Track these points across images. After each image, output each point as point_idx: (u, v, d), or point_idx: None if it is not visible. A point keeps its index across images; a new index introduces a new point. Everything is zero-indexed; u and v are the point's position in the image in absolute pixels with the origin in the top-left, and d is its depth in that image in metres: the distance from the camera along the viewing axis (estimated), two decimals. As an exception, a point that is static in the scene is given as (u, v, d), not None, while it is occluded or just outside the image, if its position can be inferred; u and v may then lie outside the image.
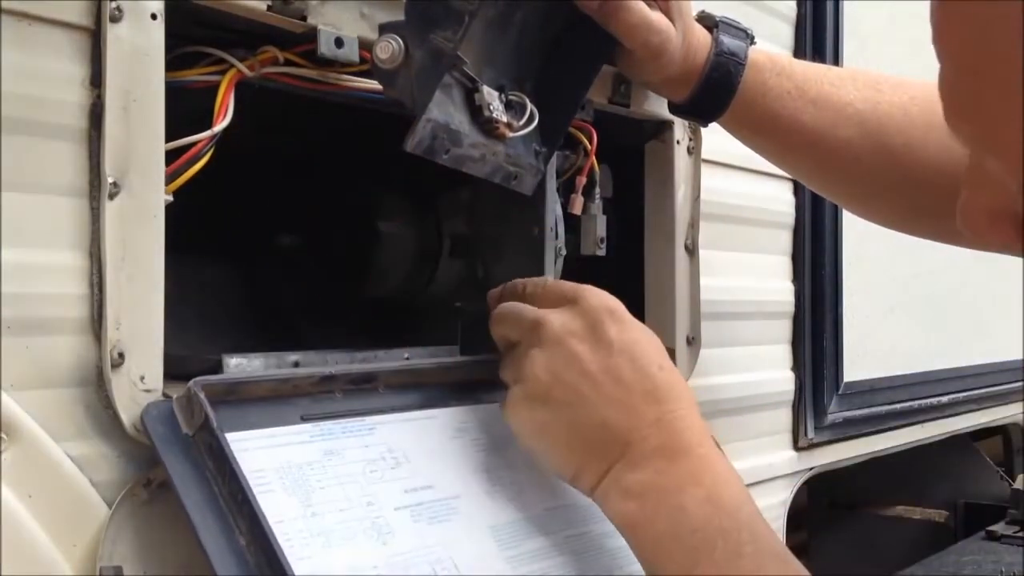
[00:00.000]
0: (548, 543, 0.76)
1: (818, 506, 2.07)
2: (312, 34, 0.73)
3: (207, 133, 0.68)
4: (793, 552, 0.72)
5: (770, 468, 1.34)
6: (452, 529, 0.71)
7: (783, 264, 1.40)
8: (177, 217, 0.67)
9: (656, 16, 0.85)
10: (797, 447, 1.41)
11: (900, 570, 1.78)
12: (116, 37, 0.63)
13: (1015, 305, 1.83)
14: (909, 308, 1.69)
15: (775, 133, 0.94)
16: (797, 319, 1.41)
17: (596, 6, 0.83)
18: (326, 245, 1.06)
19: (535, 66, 0.85)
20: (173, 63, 0.68)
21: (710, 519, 0.70)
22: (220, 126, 0.69)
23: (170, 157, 0.67)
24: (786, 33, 1.39)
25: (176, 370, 0.68)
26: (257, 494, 0.62)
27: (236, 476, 0.62)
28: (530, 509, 0.77)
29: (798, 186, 1.38)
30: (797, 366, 1.41)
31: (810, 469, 1.44)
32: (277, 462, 0.67)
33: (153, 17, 0.64)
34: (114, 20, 0.62)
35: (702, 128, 1.07)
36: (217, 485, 0.62)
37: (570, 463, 0.75)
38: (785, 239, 1.40)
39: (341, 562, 0.64)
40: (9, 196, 0.59)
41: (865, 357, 1.52)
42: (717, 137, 1.05)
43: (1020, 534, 1.90)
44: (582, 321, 0.75)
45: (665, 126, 1.06)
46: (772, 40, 1.31)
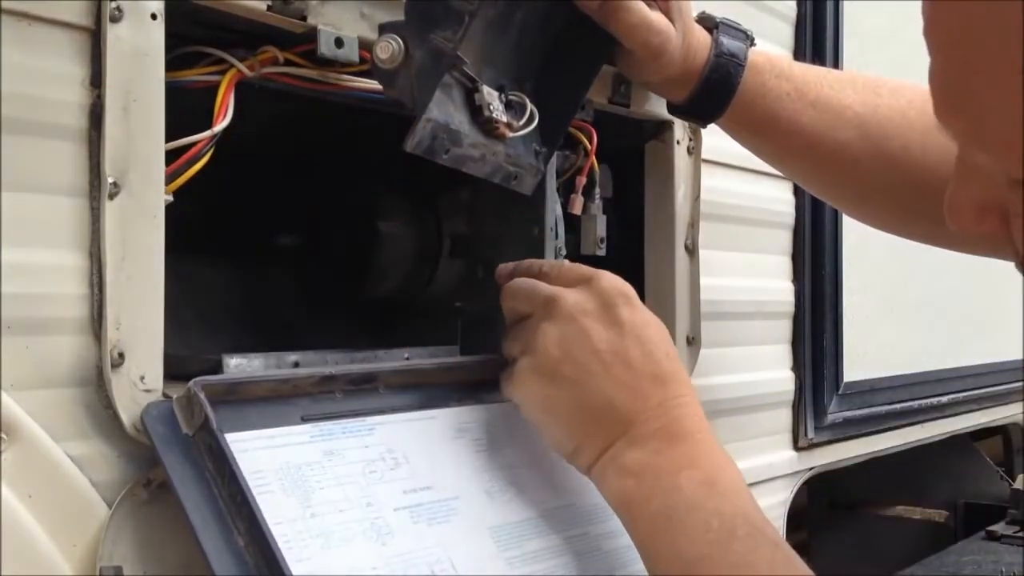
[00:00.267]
0: (548, 544, 0.76)
1: (818, 506, 2.07)
2: (312, 34, 0.73)
3: (207, 133, 0.68)
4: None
5: (770, 468, 1.34)
6: (451, 530, 0.71)
7: (783, 264, 1.40)
8: (177, 217, 0.67)
9: (656, 16, 0.85)
10: (797, 447, 1.41)
11: (900, 570, 1.78)
12: (116, 37, 0.63)
13: (1015, 305, 1.83)
14: (909, 308, 1.69)
15: (774, 135, 0.95)
16: (797, 319, 1.41)
17: (596, 6, 0.83)
18: (326, 245, 1.06)
19: (535, 66, 0.85)
20: (173, 63, 0.68)
21: (705, 501, 0.70)
22: (220, 126, 0.69)
23: (170, 157, 0.67)
24: (786, 33, 1.39)
25: (176, 370, 0.68)
26: (256, 495, 0.62)
27: (235, 477, 0.62)
28: (530, 510, 0.77)
29: (798, 186, 1.38)
30: (797, 366, 1.41)
31: (810, 469, 1.44)
32: (277, 463, 0.67)
33: (153, 17, 0.64)
34: (114, 20, 0.62)
35: (702, 128, 1.07)
36: (216, 486, 0.63)
37: (571, 439, 0.75)
38: (785, 239, 1.40)
39: (340, 563, 0.64)
40: (9, 196, 0.59)
41: (865, 357, 1.52)
42: (717, 137, 1.05)
43: (1020, 534, 1.90)
44: (596, 301, 0.76)
45: (665, 126, 1.06)
46: (772, 40, 1.31)
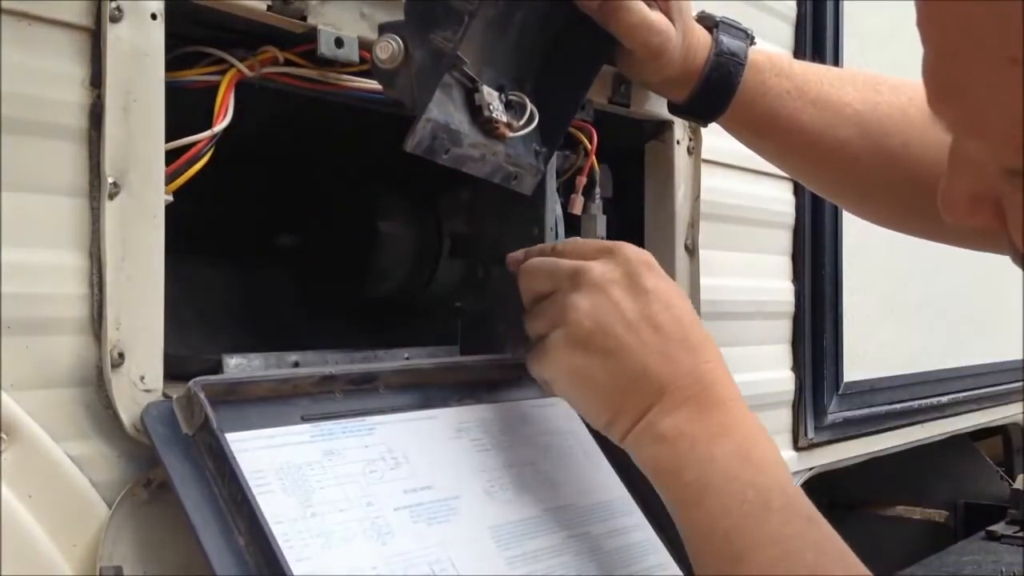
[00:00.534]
0: (548, 544, 0.76)
1: (818, 506, 2.07)
2: (312, 34, 0.73)
3: (207, 133, 0.68)
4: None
5: (770, 468, 1.34)
6: (452, 530, 0.71)
7: (783, 264, 1.40)
8: (177, 217, 0.67)
9: (656, 16, 0.85)
10: (797, 447, 1.41)
11: (900, 570, 1.78)
12: (116, 37, 0.63)
13: (1015, 305, 1.83)
14: (909, 308, 1.69)
15: (774, 133, 0.95)
16: (797, 319, 1.41)
17: (596, 6, 0.83)
18: (326, 245, 1.06)
19: (535, 66, 0.85)
20: (173, 63, 0.68)
21: (740, 472, 0.70)
22: (220, 126, 0.69)
23: (170, 157, 0.67)
24: (786, 33, 1.39)
25: (176, 370, 0.68)
26: (257, 494, 0.62)
27: (236, 476, 0.62)
28: (530, 510, 0.77)
29: (798, 186, 1.38)
30: (797, 366, 1.41)
31: (810, 469, 1.44)
32: (277, 462, 0.67)
33: (153, 17, 0.64)
34: (114, 20, 0.62)
35: (702, 128, 1.07)
36: (217, 485, 0.62)
37: (607, 409, 0.75)
38: (785, 239, 1.40)
39: (340, 562, 0.64)
40: (9, 196, 0.59)
41: (865, 357, 1.52)
42: (717, 137, 1.05)
43: (1020, 534, 1.90)
44: (621, 270, 0.76)
45: (665, 126, 1.06)
46: (772, 40, 1.31)
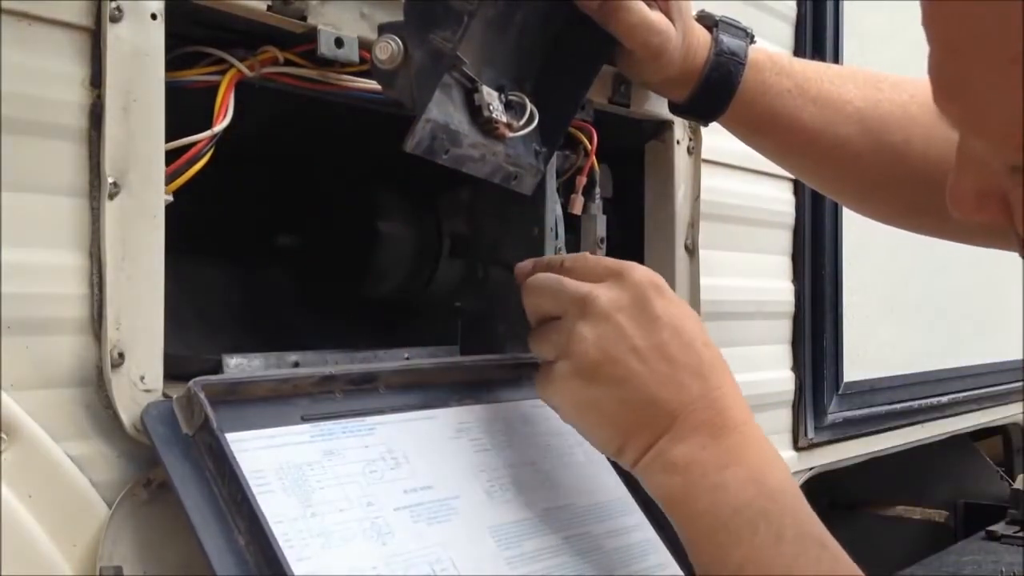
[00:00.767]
0: (548, 544, 0.76)
1: (818, 506, 2.06)
2: (312, 34, 0.73)
3: (207, 133, 0.68)
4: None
5: (770, 468, 1.34)
6: (452, 529, 0.71)
7: (783, 264, 1.40)
8: (177, 217, 0.67)
9: (656, 16, 0.85)
10: (797, 447, 1.41)
11: (900, 570, 1.78)
12: (116, 37, 0.63)
13: (1015, 305, 1.83)
14: (909, 308, 1.69)
15: (775, 131, 0.95)
16: (797, 319, 1.41)
17: (596, 6, 0.83)
18: (326, 245, 1.06)
19: (535, 66, 0.85)
20: (173, 63, 0.68)
21: (752, 500, 0.69)
22: (220, 126, 0.69)
23: (170, 157, 0.67)
24: (786, 33, 1.39)
25: (176, 370, 0.68)
26: (257, 494, 0.62)
27: (236, 476, 0.62)
28: (530, 509, 0.77)
29: (798, 186, 1.38)
30: (797, 366, 1.41)
31: (810, 469, 1.44)
32: (277, 462, 0.67)
33: (153, 17, 0.64)
34: (114, 20, 0.62)
35: (702, 128, 1.07)
36: (217, 485, 0.62)
37: (616, 438, 0.74)
38: (785, 239, 1.40)
39: (340, 562, 0.64)
40: (9, 196, 0.59)
41: (865, 357, 1.52)
42: (717, 137, 1.05)
43: (1020, 534, 1.90)
44: (630, 296, 0.75)
45: (665, 126, 1.06)
46: (772, 40, 1.31)
